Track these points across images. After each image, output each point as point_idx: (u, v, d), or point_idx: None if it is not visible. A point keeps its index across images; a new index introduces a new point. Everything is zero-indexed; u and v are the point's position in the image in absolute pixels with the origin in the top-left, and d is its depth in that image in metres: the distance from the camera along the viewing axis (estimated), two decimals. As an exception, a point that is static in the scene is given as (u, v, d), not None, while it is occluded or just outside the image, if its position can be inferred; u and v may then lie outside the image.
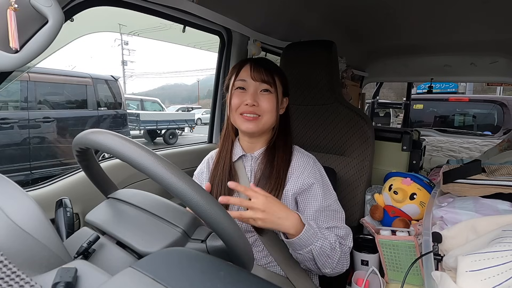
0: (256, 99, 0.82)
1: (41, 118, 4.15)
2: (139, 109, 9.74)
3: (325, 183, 0.87)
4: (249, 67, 0.83)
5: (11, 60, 0.54)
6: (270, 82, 0.83)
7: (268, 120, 0.84)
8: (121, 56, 22.91)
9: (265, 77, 0.82)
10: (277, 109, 0.85)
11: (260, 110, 0.82)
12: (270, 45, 1.59)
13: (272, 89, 0.83)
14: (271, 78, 0.83)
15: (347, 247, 0.81)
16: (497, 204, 0.75)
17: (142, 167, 0.39)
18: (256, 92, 0.83)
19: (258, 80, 0.82)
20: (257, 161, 0.89)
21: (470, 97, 5.04)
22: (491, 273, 0.49)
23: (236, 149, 0.91)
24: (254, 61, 0.85)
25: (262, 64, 0.84)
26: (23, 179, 3.82)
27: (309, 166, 0.86)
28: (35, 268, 0.31)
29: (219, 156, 0.91)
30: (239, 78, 0.84)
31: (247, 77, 0.83)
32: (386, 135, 1.57)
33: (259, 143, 0.89)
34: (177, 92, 57.13)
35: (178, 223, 0.49)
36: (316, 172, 0.86)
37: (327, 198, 0.84)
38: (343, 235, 0.82)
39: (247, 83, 0.83)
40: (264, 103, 0.82)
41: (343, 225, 0.85)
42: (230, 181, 0.70)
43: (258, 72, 0.82)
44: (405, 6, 1.43)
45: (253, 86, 0.83)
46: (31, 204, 0.36)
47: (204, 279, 0.31)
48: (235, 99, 0.83)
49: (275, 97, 0.84)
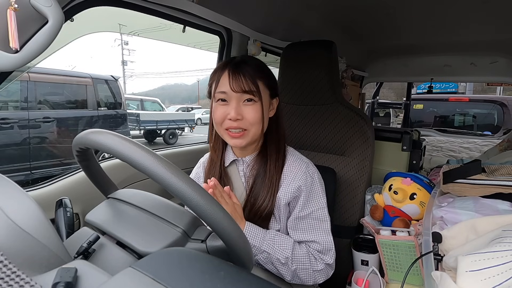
0: (240, 112, 0.75)
1: (41, 118, 4.15)
2: (139, 109, 9.75)
3: (313, 190, 0.83)
4: (227, 75, 0.75)
5: (11, 60, 0.54)
6: (253, 91, 0.75)
7: (256, 132, 0.78)
8: (121, 56, 22.93)
9: (245, 87, 0.74)
10: (265, 116, 0.79)
11: (245, 124, 0.76)
12: (270, 45, 1.59)
13: (256, 97, 0.76)
14: (254, 85, 0.75)
15: (322, 264, 0.78)
16: (497, 204, 0.75)
17: (142, 167, 0.39)
18: (238, 104, 0.76)
19: (239, 91, 0.74)
20: (248, 167, 0.86)
21: (470, 97, 5.04)
22: (491, 273, 0.49)
23: (228, 154, 0.88)
24: (232, 67, 0.76)
25: (241, 70, 0.75)
26: (23, 179, 3.82)
27: (301, 172, 0.82)
28: (35, 268, 0.31)
29: (210, 163, 0.89)
30: (219, 90, 0.76)
31: (227, 88, 0.75)
32: (386, 135, 1.57)
33: (250, 149, 0.86)
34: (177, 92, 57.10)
35: (178, 223, 0.49)
36: (308, 179, 0.82)
37: (309, 206, 0.81)
38: (322, 249, 0.79)
39: (227, 95, 0.76)
40: (249, 115, 0.76)
41: (324, 238, 0.80)
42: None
43: (237, 81, 0.74)
44: (405, 6, 1.42)
45: (234, 98, 0.75)
46: (31, 204, 0.36)
47: (204, 279, 0.31)
48: (218, 112, 0.77)
49: (260, 106, 0.77)
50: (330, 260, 0.80)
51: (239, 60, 0.79)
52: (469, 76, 2.76)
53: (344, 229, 1.21)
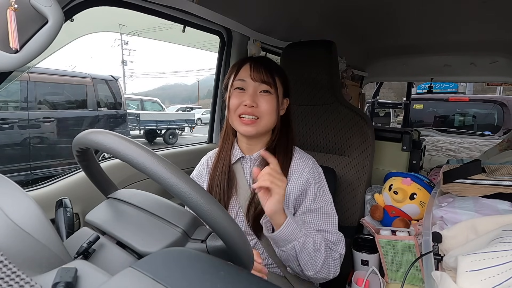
0: (255, 100, 0.79)
1: (41, 118, 4.15)
2: (139, 109, 9.75)
3: (321, 185, 0.85)
4: (249, 66, 0.81)
5: (11, 60, 0.54)
6: (270, 82, 0.80)
7: (267, 122, 0.81)
8: (121, 56, 22.92)
9: (265, 78, 0.80)
10: (277, 110, 0.83)
11: (259, 112, 0.80)
12: (270, 45, 1.59)
13: (272, 90, 0.81)
14: (271, 79, 0.80)
15: (337, 253, 0.79)
16: (497, 204, 0.75)
17: (142, 167, 0.39)
18: (255, 93, 0.80)
19: (258, 80, 0.80)
20: (255, 163, 0.86)
21: (470, 97, 5.04)
22: (491, 273, 0.49)
23: (235, 151, 0.89)
24: (254, 60, 0.83)
25: (262, 64, 0.81)
26: (23, 179, 3.82)
27: (308, 167, 0.85)
28: (35, 268, 0.31)
29: (218, 157, 0.89)
30: (238, 78, 0.81)
31: (247, 77, 0.80)
32: (386, 135, 1.58)
33: (258, 145, 0.87)
34: (177, 92, 57.10)
35: (178, 223, 0.49)
36: (315, 174, 0.85)
37: (319, 201, 0.83)
38: (334, 240, 0.80)
39: (246, 83, 0.81)
40: (264, 105, 0.80)
41: (335, 230, 0.82)
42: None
43: (258, 72, 0.80)
44: (405, 6, 1.43)
45: (252, 86, 0.80)
46: (31, 204, 0.36)
47: (204, 279, 0.31)
48: (234, 100, 0.81)
49: (275, 98, 0.81)
50: (342, 251, 0.80)
51: (260, 57, 0.86)
52: (469, 76, 2.77)
53: (344, 229, 1.20)
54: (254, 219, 0.79)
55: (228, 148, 0.89)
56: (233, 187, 0.85)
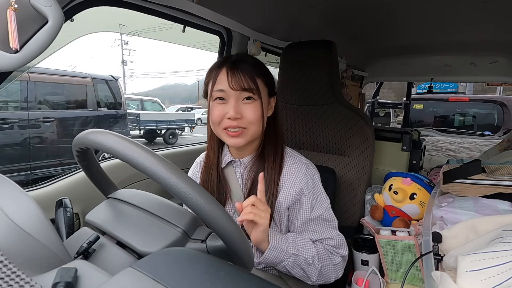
0: (239, 111, 0.72)
1: (41, 118, 4.15)
2: (139, 109, 9.75)
3: (316, 192, 0.82)
4: (226, 73, 0.72)
5: (11, 60, 0.54)
6: (252, 88, 0.72)
7: (255, 130, 0.76)
8: (121, 56, 22.93)
9: (245, 84, 0.72)
10: (264, 115, 0.77)
11: (244, 122, 0.73)
12: (270, 45, 1.59)
13: (256, 95, 0.73)
14: (253, 83, 0.72)
15: (339, 257, 0.79)
16: (497, 204, 0.75)
17: (142, 167, 0.39)
18: (237, 103, 0.73)
19: (238, 88, 0.72)
20: (246, 168, 0.83)
21: (470, 97, 5.04)
22: (491, 273, 0.49)
23: (225, 155, 0.85)
24: (230, 64, 0.73)
25: (239, 68, 0.72)
26: (23, 179, 3.82)
27: (301, 174, 0.80)
28: (35, 268, 0.31)
29: (206, 163, 0.86)
30: (217, 88, 0.73)
31: (225, 86, 0.72)
32: (386, 135, 1.58)
33: (247, 150, 0.83)
34: (177, 92, 57.03)
35: (178, 223, 0.49)
36: (308, 181, 0.80)
37: (317, 209, 0.81)
38: (336, 244, 0.80)
39: (226, 93, 0.73)
40: (249, 114, 0.73)
41: (335, 234, 0.81)
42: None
43: (237, 79, 0.71)
44: (405, 6, 1.42)
45: (233, 96, 0.72)
46: (31, 204, 0.36)
47: (204, 279, 0.31)
48: (216, 111, 0.74)
49: (260, 104, 0.74)
50: (345, 252, 0.81)
51: (236, 58, 0.76)
52: (469, 76, 2.77)
53: (344, 229, 1.20)
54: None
55: (216, 154, 0.85)
56: (226, 192, 0.83)
